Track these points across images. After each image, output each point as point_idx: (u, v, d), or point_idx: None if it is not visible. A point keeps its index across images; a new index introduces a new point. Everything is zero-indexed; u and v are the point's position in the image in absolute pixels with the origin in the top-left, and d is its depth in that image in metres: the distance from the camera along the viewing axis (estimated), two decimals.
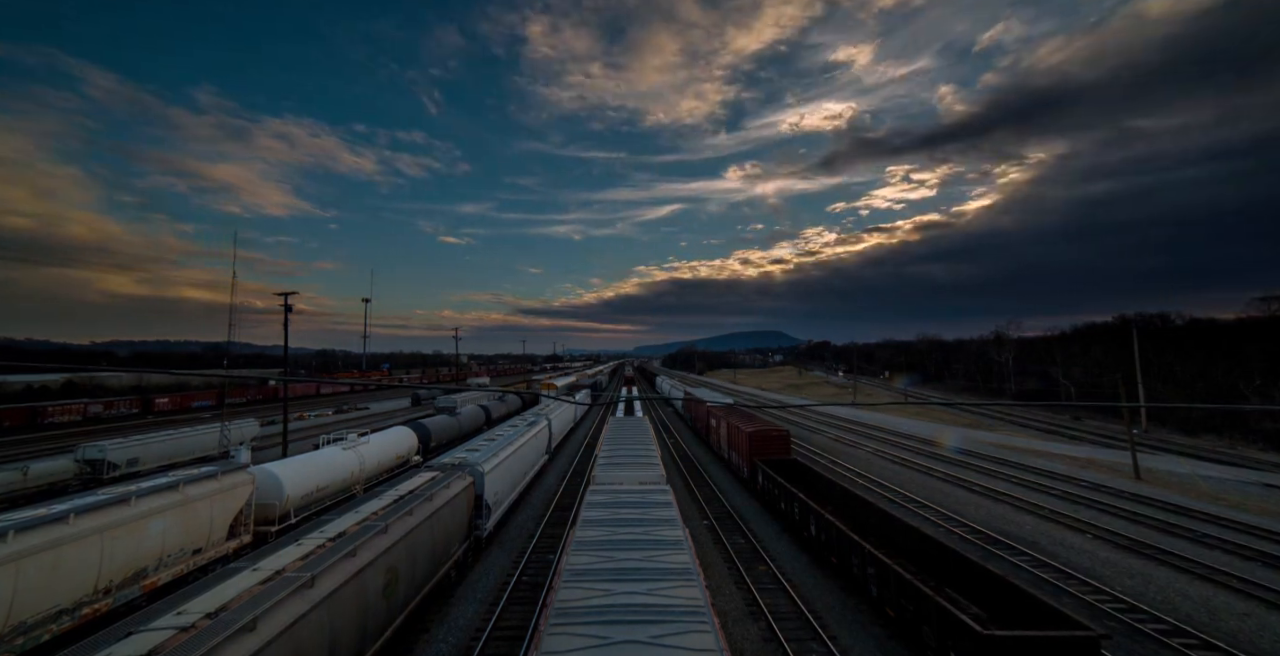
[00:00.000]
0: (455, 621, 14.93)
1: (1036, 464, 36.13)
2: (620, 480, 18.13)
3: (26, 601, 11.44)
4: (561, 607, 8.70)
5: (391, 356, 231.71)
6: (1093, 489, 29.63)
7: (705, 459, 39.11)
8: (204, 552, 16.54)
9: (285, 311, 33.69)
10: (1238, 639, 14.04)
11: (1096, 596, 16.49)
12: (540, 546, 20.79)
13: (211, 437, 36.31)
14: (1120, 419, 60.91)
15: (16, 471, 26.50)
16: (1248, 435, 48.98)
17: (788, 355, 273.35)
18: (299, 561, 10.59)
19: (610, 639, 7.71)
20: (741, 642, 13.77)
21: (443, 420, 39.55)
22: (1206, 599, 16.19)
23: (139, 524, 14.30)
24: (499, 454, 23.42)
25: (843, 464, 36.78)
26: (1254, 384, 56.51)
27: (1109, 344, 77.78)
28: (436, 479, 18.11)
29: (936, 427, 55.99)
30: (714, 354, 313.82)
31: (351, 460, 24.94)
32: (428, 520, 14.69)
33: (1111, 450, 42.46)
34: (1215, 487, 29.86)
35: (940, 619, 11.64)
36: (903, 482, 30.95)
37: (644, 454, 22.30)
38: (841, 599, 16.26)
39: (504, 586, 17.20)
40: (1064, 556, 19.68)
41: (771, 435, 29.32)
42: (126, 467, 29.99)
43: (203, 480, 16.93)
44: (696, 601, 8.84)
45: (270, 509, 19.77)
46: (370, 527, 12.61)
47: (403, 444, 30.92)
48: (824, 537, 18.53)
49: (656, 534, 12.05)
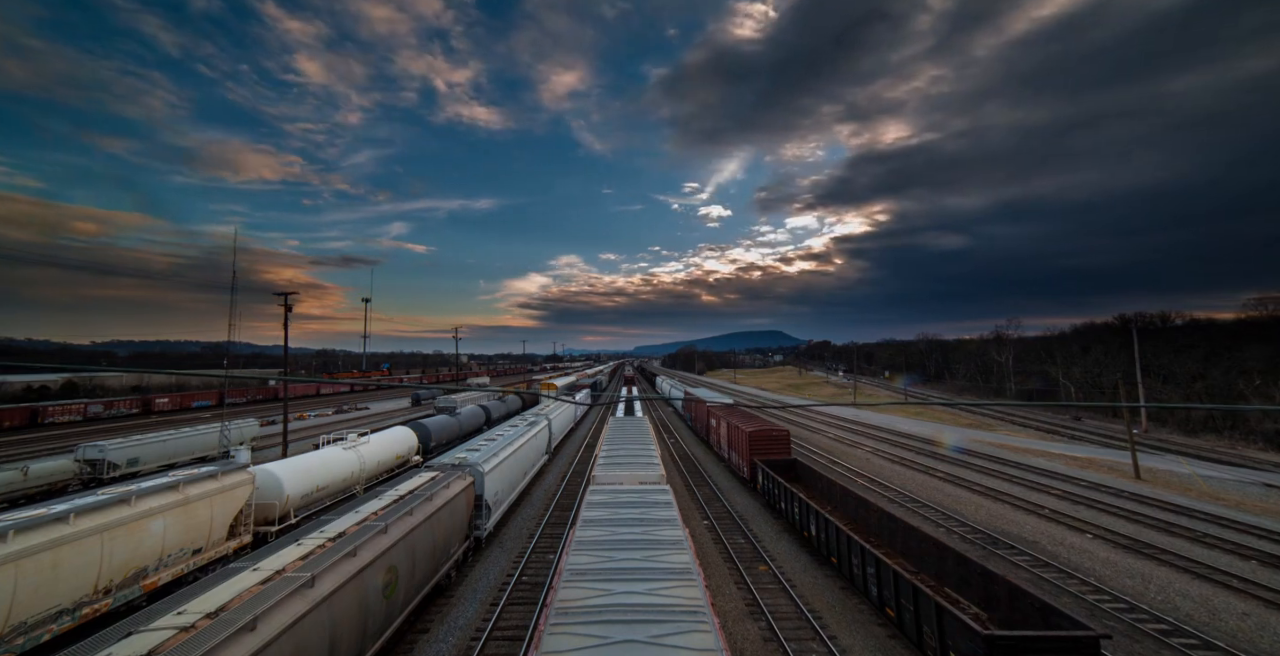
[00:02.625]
0: (455, 621, 14.93)
1: (1036, 464, 36.13)
2: (620, 480, 18.14)
3: (27, 601, 11.44)
4: (561, 607, 8.70)
5: (392, 356, 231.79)
6: (1093, 488, 29.63)
7: (705, 458, 39.10)
8: (204, 552, 16.55)
9: (285, 311, 33.70)
10: (1238, 639, 14.04)
11: (1097, 596, 16.49)
12: (540, 546, 20.79)
13: (211, 437, 36.31)
14: (1120, 418, 60.92)
15: (16, 471, 26.50)
16: (1247, 435, 48.98)
17: (788, 355, 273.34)
18: (299, 561, 10.59)
19: (610, 638, 7.71)
20: (741, 642, 13.77)
21: (443, 420, 39.54)
22: (1206, 598, 16.19)
23: (139, 524, 14.31)
24: (499, 454, 23.42)
25: (843, 463, 36.79)
26: (1254, 384, 56.49)
27: (1109, 344, 77.77)
28: (436, 479, 18.10)
29: (936, 427, 55.99)
30: (714, 354, 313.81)
31: (351, 460, 24.94)
32: (428, 520, 14.69)
33: (1111, 450, 42.45)
34: (1215, 487, 29.86)
35: (940, 618, 11.64)
36: (903, 482, 30.95)
37: (644, 453, 22.30)
38: (841, 598, 16.26)
39: (504, 586, 17.20)
40: (1064, 556, 19.68)
41: (771, 435, 29.33)
42: (126, 467, 30.00)
43: (203, 480, 16.94)
44: (697, 601, 8.84)
45: (270, 509, 19.77)
46: (370, 527, 12.61)
47: (403, 444, 30.92)
48: (824, 537, 18.54)
49: (656, 533, 12.04)
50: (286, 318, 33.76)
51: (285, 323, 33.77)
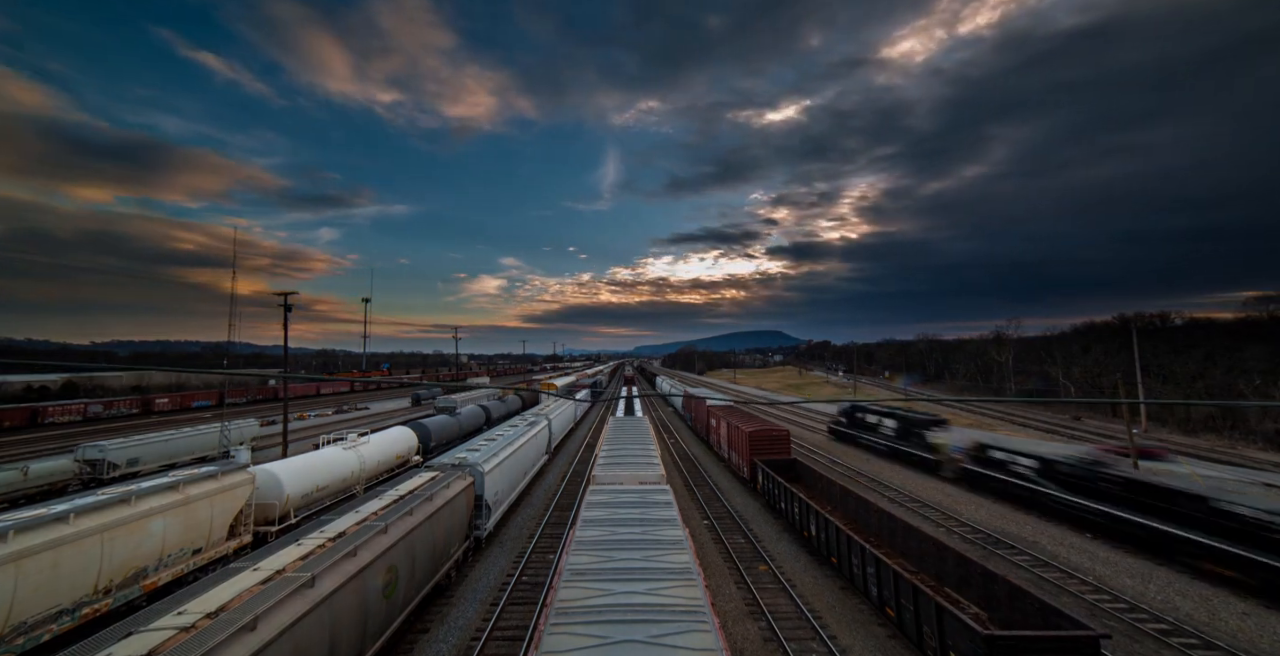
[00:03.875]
0: (455, 621, 14.93)
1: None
2: (620, 479, 18.13)
3: (27, 601, 11.44)
4: (561, 607, 8.70)
5: (392, 356, 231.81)
6: None
7: (705, 458, 39.10)
8: (204, 552, 16.55)
9: (285, 311, 33.70)
10: (1238, 638, 14.04)
11: (1097, 596, 16.50)
12: (540, 546, 20.79)
13: (211, 437, 36.32)
14: (1120, 418, 60.90)
15: (17, 471, 26.50)
16: (1247, 435, 48.97)
17: (788, 355, 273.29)
18: (299, 561, 10.59)
19: (610, 638, 7.71)
20: (741, 642, 13.77)
21: (443, 420, 39.54)
22: (1206, 598, 16.20)
23: (139, 524, 14.31)
24: (499, 454, 23.42)
25: (842, 463, 36.78)
26: (1253, 384, 56.50)
27: (1109, 344, 77.77)
28: (436, 479, 18.11)
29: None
30: (714, 354, 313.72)
31: (351, 460, 24.94)
32: (428, 520, 14.69)
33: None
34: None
35: (940, 618, 11.64)
36: (903, 482, 30.95)
37: (644, 453, 22.29)
38: (841, 598, 16.26)
39: (504, 586, 17.20)
40: (1064, 556, 19.68)
41: (771, 435, 29.33)
42: (126, 467, 30.00)
43: (203, 480, 16.93)
44: (697, 601, 8.84)
45: (270, 509, 19.77)
46: (370, 527, 12.61)
47: (403, 444, 30.92)
48: (824, 537, 18.54)
49: (657, 533, 12.04)
50: (286, 318, 33.77)
51: (285, 323, 33.78)
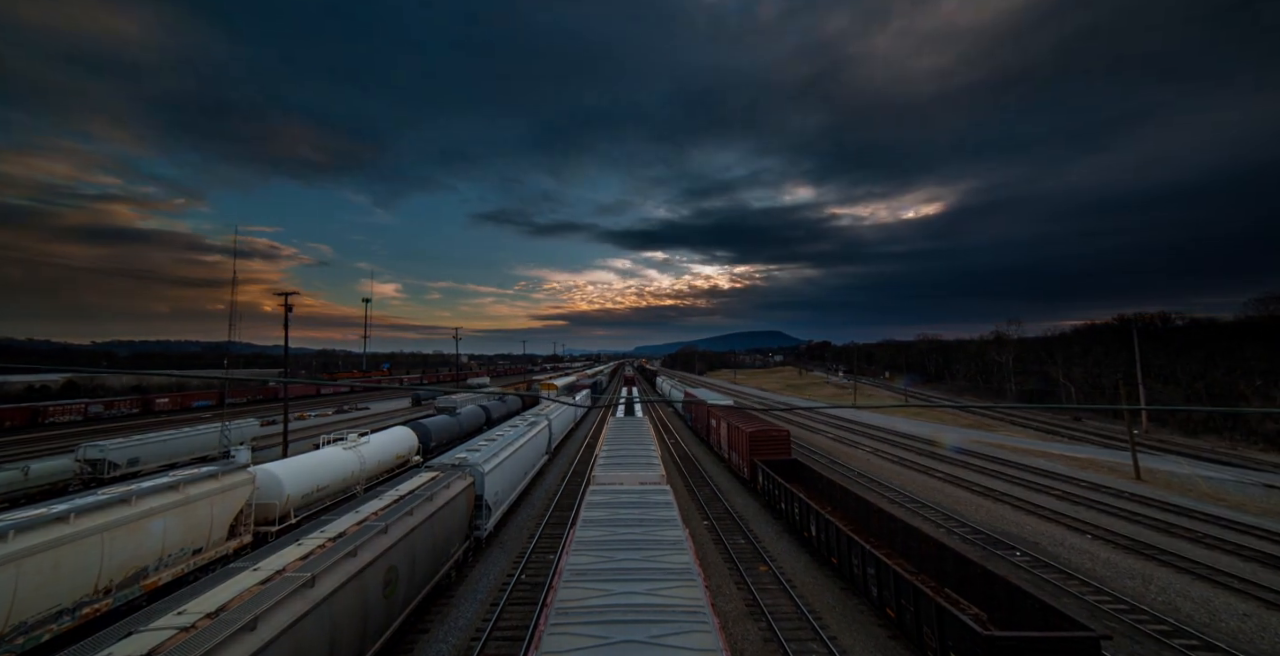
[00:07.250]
0: (455, 621, 14.93)
1: (1036, 464, 36.11)
2: (620, 480, 18.12)
3: (27, 601, 11.44)
4: (561, 607, 8.70)
5: (392, 356, 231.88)
6: (1093, 489, 29.62)
7: (705, 459, 39.09)
8: (204, 552, 16.54)
9: (285, 311, 33.72)
10: (1238, 639, 14.03)
11: (1097, 597, 16.49)
12: (540, 546, 20.79)
13: (212, 437, 36.33)
14: (1121, 419, 60.87)
15: (17, 471, 26.51)
16: (1248, 436, 48.94)
17: (788, 355, 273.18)
18: (299, 561, 10.59)
19: (610, 638, 7.71)
20: (742, 642, 13.76)
21: (443, 420, 39.55)
22: (1207, 599, 16.18)
23: (139, 524, 14.31)
24: (499, 454, 23.42)
25: (842, 463, 36.78)
26: (1254, 384, 56.47)
27: (1109, 344, 77.77)
28: (436, 479, 18.10)
29: (936, 428, 55.96)
30: (714, 354, 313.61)
31: (352, 460, 24.94)
32: (428, 520, 14.70)
33: (1112, 450, 42.42)
34: (1216, 488, 29.83)
35: (940, 619, 11.63)
36: (903, 482, 30.94)
37: (644, 454, 22.29)
38: (841, 599, 16.25)
39: (504, 586, 17.20)
40: (1064, 557, 19.67)
41: (771, 435, 29.31)
42: (127, 467, 30.01)
43: (203, 480, 16.93)
44: (697, 601, 8.84)
45: (270, 509, 19.77)
46: (370, 527, 12.61)
47: (403, 444, 30.92)
48: (824, 537, 18.52)
49: (657, 534, 12.04)
50: (287, 318, 33.78)
51: (285, 323, 33.79)
